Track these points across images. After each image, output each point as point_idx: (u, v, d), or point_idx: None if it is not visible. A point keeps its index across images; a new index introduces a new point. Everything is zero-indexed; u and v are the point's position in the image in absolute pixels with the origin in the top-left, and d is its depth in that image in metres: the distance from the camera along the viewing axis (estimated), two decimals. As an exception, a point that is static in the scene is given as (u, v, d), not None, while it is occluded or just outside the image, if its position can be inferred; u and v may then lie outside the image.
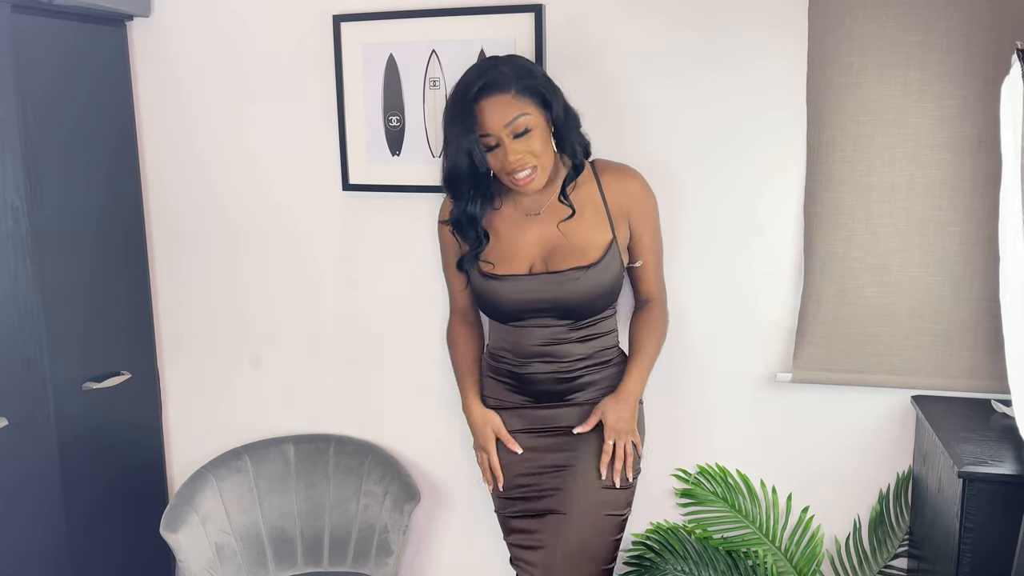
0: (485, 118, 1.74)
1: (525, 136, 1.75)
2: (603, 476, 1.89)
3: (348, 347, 2.43)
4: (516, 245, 1.88)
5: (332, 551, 2.38)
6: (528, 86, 1.76)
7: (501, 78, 1.75)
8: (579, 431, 1.90)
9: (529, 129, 1.75)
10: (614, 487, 1.90)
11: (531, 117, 1.76)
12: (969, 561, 1.67)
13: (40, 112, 2.10)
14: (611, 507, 1.91)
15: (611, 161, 1.94)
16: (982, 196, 1.89)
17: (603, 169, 1.91)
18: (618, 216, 1.88)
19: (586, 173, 1.89)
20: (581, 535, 1.88)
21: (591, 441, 1.92)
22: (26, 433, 2.07)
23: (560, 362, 1.90)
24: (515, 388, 1.96)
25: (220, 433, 2.53)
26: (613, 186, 1.88)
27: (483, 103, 1.74)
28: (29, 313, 2.06)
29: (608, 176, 1.90)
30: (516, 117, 1.74)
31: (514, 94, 1.74)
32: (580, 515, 1.89)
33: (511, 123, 1.74)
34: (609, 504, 1.90)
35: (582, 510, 1.89)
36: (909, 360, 2.00)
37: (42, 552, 2.14)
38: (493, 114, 1.74)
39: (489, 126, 1.74)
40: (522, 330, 1.90)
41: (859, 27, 1.90)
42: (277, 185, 2.40)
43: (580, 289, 1.83)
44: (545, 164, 1.79)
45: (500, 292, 1.88)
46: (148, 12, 2.39)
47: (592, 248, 1.85)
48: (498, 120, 1.74)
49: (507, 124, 1.74)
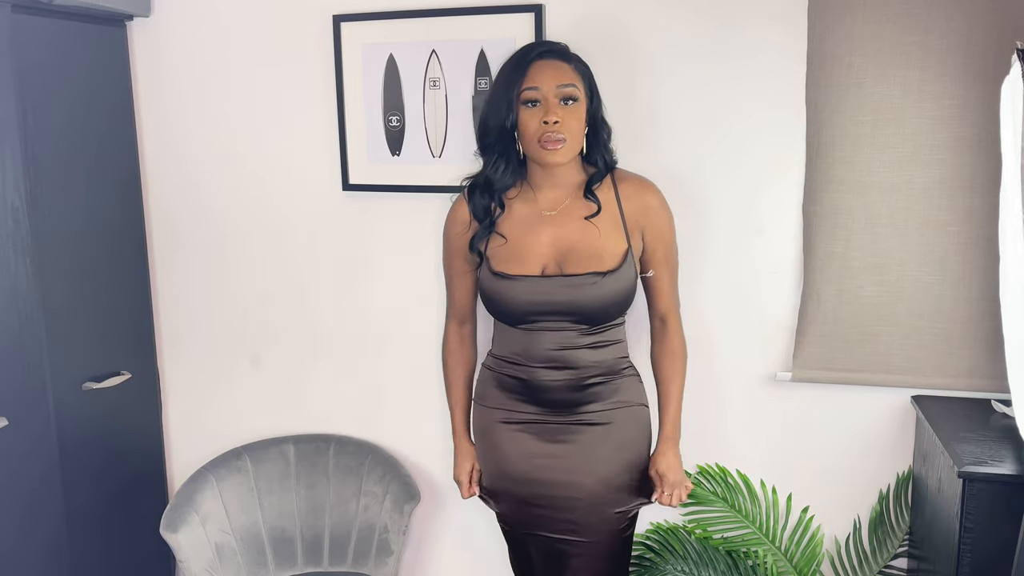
0: (539, 73, 1.76)
1: (569, 106, 1.77)
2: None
3: (348, 347, 2.43)
4: (528, 245, 1.85)
5: (332, 551, 2.38)
6: (583, 70, 1.82)
7: (563, 50, 1.82)
8: (664, 503, 1.91)
9: (575, 99, 1.78)
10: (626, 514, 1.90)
11: (579, 91, 1.78)
12: (969, 561, 1.67)
13: (40, 112, 2.10)
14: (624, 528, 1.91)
15: (630, 172, 1.92)
16: (982, 196, 1.89)
17: (622, 179, 1.89)
18: (633, 227, 1.86)
19: (605, 180, 1.88)
20: (598, 564, 1.89)
21: (600, 463, 1.87)
22: (26, 433, 2.07)
23: (572, 369, 1.84)
24: (524, 397, 1.89)
25: (220, 433, 2.54)
26: (631, 197, 1.86)
27: (541, 63, 1.77)
28: (29, 313, 2.06)
29: (626, 186, 1.87)
30: (569, 83, 1.77)
31: (572, 67, 1.80)
32: (597, 547, 1.88)
33: (563, 86, 1.76)
34: (622, 523, 1.90)
35: (600, 544, 1.88)
36: (909, 359, 2.00)
37: (42, 552, 2.14)
38: (548, 72, 1.76)
39: (540, 81, 1.76)
40: (532, 334, 1.85)
41: (859, 27, 1.90)
42: (277, 185, 2.40)
43: (596, 294, 1.80)
44: (573, 145, 1.79)
45: (511, 292, 1.84)
46: (148, 12, 2.39)
47: (608, 255, 1.82)
48: (552, 78, 1.76)
49: (560, 85, 1.76)
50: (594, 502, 1.86)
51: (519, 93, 1.76)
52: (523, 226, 1.86)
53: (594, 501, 1.86)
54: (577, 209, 1.85)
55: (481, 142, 1.87)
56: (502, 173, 1.85)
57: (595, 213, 1.83)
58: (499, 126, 1.79)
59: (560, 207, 1.86)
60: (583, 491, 1.86)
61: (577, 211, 1.85)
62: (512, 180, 1.87)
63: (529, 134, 1.77)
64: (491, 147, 1.84)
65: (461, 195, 1.94)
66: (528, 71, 1.76)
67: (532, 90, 1.76)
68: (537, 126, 1.76)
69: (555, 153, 1.76)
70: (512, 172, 1.86)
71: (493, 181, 1.86)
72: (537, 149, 1.78)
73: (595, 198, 1.84)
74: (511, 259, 1.85)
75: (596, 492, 1.86)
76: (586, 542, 1.87)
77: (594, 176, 1.86)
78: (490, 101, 1.82)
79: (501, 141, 1.82)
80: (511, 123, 1.78)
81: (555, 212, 1.85)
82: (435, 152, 2.22)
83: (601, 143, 1.86)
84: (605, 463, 1.87)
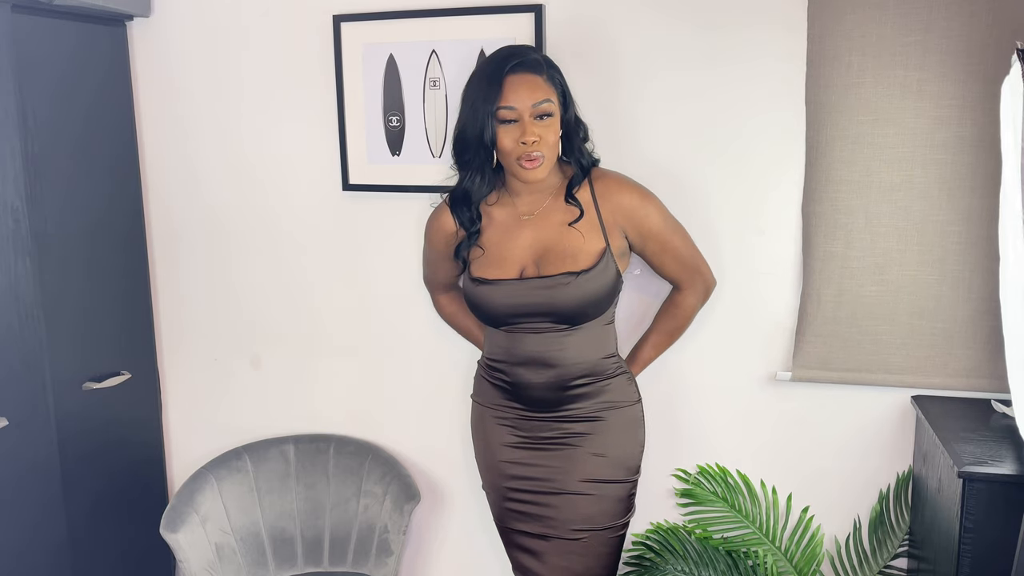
0: (513, 92, 1.75)
1: (545, 121, 1.77)
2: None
3: (348, 347, 2.43)
4: (508, 249, 1.86)
5: (332, 551, 2.38)
6: (555, 79, 1.81)
7: (535, 61, 1.79)
8: None
9: (551, 115, 1.77)
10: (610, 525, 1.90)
11: (554, 105, 1.78)
12: (969, 561, 1.67)
13: (40, 112, 2.10)
14: (615, 525, 1.91)
15: (607, 170, 1.91)
16: (982, 196, 1.89)
17: (598, 178, 1.88)
18: (611, 226, 1.85)
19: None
20: (585, 561, 1.90)
21: (584, 461, 1.88)
22: (26, 433, 2.07)
23: (553, 368, 1.85)
24: (510, 396, 1.92)
25: (220, 433, 2.54)
26: (605, 197, 1.86)
27: (514, 78, 1.76)
28: (29, 313, 2.06)
29: (601, 185, 1.87)
30: (543, 100, 1.76)
31: (545, 79, 1.78)
32: (582, 542, 1.89)
33: (538, 104, 1.75)
34: (612, 521, 1.90)
35: (584, 535, 1.89)
36: (909, 359, 2.00)
37: (42, 552, 2.14)
38: (522, 90, 1.75)
39: (515, 100, 1.75)
40: (515, 335, 1.86)
41: (859, 26, 1.90)
42: (277, 185, 2.40)
43: (571, 294, 1.80)
44: (551, 157, 1.79)
45: (491, 297, 1.85)
46: (148, 12, 2.39)
47: (584, 254, 1.82)
48: (526, 97, 1.75)
49: (534, 104, 1.75)
50: (575, 500, 1.88)
51: (495, 110, 1.75)
52: (502, 231, 1.88)
53: (575, 499, 1.88)
54: (556, 211, 1.86)
55: (458, 157, 1.86)
56: (479, 184, 1.86)
57: (578, 219, 1.84)
58: (476, 140, 1.79)
59: (538, 210, 1.87)
60: (566, 488, 1.88)
61: (556, 213, 1.85)
62: (489, 189, 1.88)
63: (506, 151, 1.78)
64: (468, 162, 1.84)
65: (443, 202, 1.95)
66: (503, 88, 1.75)
67: (508, 110, 1.75)
68: (513, 144, 1.76)
69: (534, 171, 1.78)
70: (489, 182, 1.87)
71: (471, 192, 1.87)
72: (515, 167, 1.79)
73: (576, 202, 1.84)
74: (490, 264, 1.87)
75: (578, 490, 1.88)
76: (567, 540, 1.89)
77: (573, 179, 1.86)
78: (465, 115, 1.81)
79: (478, 155, 1.81)
80: (489, 139, 1.77)
81: (533, 216, 1.87)
82: (435, 152, 2.22)
83: (576, 145, 1.86)
84: (588, 463, 1.88)
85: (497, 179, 1.88)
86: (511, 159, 1.78)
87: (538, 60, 1.79)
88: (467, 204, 1.88)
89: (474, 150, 1.80)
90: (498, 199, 1.90)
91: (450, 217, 1.91)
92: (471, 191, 1.86)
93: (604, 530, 1.89)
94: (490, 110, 1.75)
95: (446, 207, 1.93)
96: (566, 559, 1.90)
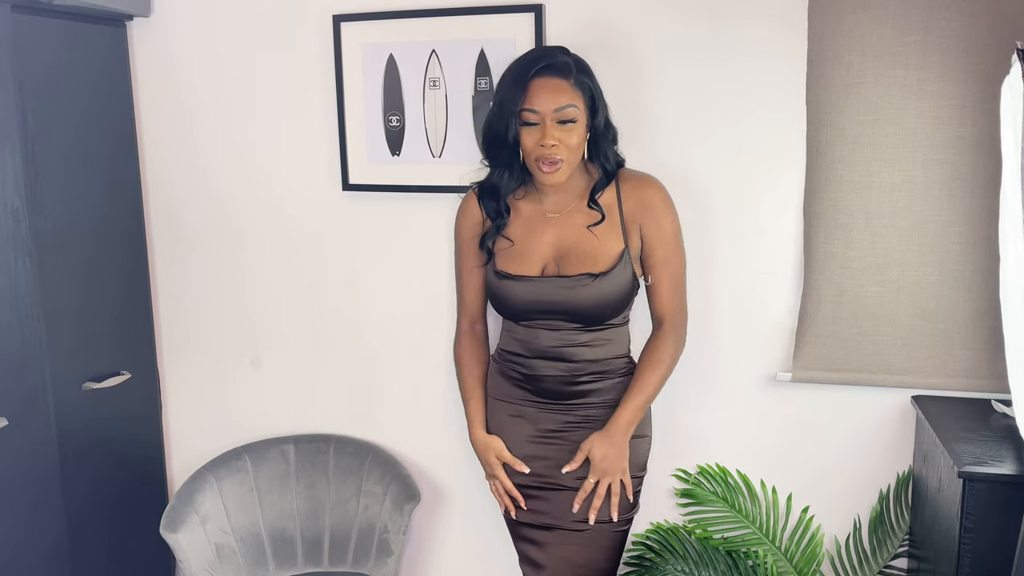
0: (537, 95, 1.75)
1: (567, 127, 1.77)
2: (574, 510, 1.88)
3: (348, 347, 2.43)
4: (532, 245, 1.89)
5: (332, 551, 2.38)
6: (584, 83, 1.80)
7: (563, 64, 1.78)
8: (566, 471, 1.89)
9: (574, 121, 1.77)
10: (587, 522, 1.90)
11: (579, 111, 1.78)
12: (969, 561, 1.67)
13: (40, 112, 2.10)
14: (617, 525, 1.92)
15: (636, 171, 1.93)
16: (982, 196, 1.89)
17: (625, 178, 1.90)
18: (631, 225, 1.87)
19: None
20: (588, 553, 1.91)
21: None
22: (26, 433, 2.07)
23: (567, 362, 1.89)
24: (521, 384, 1.94)
25: (220, 433, 2.53)
26: (630, 195, 1.87)
27: (540, 81, 1.76)
28: (29, 313, 2.06)
29: (627, 184, 1.89)
30: (567, 105, 1.76)
31: (571, 83, 1.77)
32: (585, 534, 1.91)
33: (561, 108, 1.75)
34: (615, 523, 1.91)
35: (587, 530, 1.90)
36: (909, 360, 2.00)
37: (42, 552, 2.14)
38: (546, 94, 1.75)
39: (539, 103, 1.75)
40: (533, 330, 1.90)
41: (859, 26, 1.90)
42: (277, 185, 2.40)
43: (588, 295, 1.83)
44: (572, 162, 1.80)
45: (513, 292, 1.88)
46: (148, 12, 2.39)
47: (603, 257, 1.85)
48: (549, 101, 1.75)
49: (557, 108, 1.75)
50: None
51: (519, 111, 1.77)
52: (528, 227, 1.91)
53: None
54: (580, 213, 1.88)
55: (487, 152, 1.89)
56: (507, 180, 1.89)
57: (598, 222, 1.86)
58: (502, 138, 1.81)
59: (564, 210, 1.89)
60: (572, 483, 1.90)
61: (580, 215, 1.88)
62: (517, 184, 1.91)
63: (527, 151, 1.80)
64: (496, 157, 1.87)
65: (471, 191, 1.98)
66: (528, 89, 1.76)
67: (530, 112, 1.76)
68: (534, 146, 1.78)
69: (551, 175, 1.79)
70: (517, 177, 1.90)
71: (499, 187, 1.90)
72: (535, 168, 1.81)
73: (599, 207, 1.86)
74: (514, 259, 1.90)
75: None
76: (570, 531, 1.91)
77: (597, 184, 1.87)
78: (493, 112, 1.83)
79: (505, 152, 1.84)
80: (512, 137, 1.80)
81: (559, 214, 1.89)
82: (435, 152, 2.22)
83: (602, 150, 1.86)
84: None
85: (526, 175, 1.90)
86: (531, 160, 1.81)
87: (567, 63, 1.79)
88: (495, 197, 1.91)
89: (500, 147, 1.83)
90: (526, 194, 1.93)
91: (477, 205, 1.95)
92: (499, 185, 1.90)
93: (608, 523, 1.90)
94: (514, 111, 1.77)
95: (473, 195, 1.97)
96: (568, 550, 1.92)
